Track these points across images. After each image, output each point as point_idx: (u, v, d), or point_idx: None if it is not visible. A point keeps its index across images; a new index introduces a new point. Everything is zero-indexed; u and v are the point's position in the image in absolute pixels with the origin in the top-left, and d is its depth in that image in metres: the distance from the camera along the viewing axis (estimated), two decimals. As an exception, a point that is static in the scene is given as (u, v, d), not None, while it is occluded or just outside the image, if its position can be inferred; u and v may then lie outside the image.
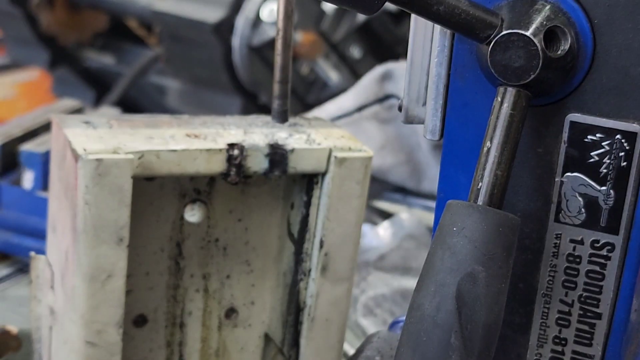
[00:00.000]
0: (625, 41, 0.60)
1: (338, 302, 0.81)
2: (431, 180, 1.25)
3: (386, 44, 1.75)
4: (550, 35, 0.60)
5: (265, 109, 1.66)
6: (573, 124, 0.62)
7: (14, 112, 1.83)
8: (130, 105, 1.88)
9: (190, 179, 0.80)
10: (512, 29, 0.59)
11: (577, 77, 0.62)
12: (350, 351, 1.02)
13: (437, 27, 0.66)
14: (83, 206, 0.69)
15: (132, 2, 1.80)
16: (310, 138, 0.78)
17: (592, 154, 0.62)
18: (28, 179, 1.12)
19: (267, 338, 0.88)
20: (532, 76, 0.59)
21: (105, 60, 1.95)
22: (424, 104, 0.69)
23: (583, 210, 0.63)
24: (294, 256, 0.82)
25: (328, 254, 0.79)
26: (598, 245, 0.63)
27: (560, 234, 0.64)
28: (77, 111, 1.28)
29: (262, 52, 1.63)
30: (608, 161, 0.62)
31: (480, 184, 0.58)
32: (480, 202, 0.58)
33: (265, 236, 0.84)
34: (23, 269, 1.11)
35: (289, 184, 0.82)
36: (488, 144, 0.59)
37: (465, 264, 0.56)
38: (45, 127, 1.19)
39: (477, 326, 0.56)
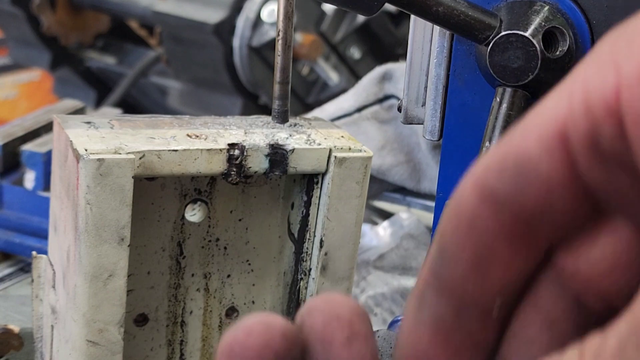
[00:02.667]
0: (623, 42, 0.60)
1: (338, 301, 0.81)
2: (431, 180, 1.25)
3: (386, 45, 1.75)
4: (549, 36, 0.61)
5: (265, 110, 1.66)
6: (571, 124, 0.62)
7: (15, 113, 1.84)
8: (132, 105, 1.88)
9: (191, 179, 0.80)
10: (511, 30, 0.60)
11: (575, 78, 0.62)
12: (350, 350, 1.02)
13: (437, 28, 0.66)
14: (84, 206, 0.69)
15: (134, 3, 1.80)
16: (310, 138, 0.78)
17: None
18: (29, 179, 1.12)
19: (268, 337, 0.88)
20: (531, 77, 0.59)
21: (106, 61, 1.95)
22: (424, 104, 0.69)
23: (581, 210, 0.63)
24: (294, 256, 0.83)
25: (328, 253, 0.79)
26: (596, 244, 0.63)
27: (559, 234, 0.64)
28: (79, 111, 1.28)
29: (262, 53, 1.63)
30: (606, 161, 0.62)
31: (479, 184, 0.59)
32: (479, 201, 0.58)
33: (265, 236, 0.85)
34: (25, 268, 1.11)
35: (289, 184, 0.83)
36: (487, 144, 0.59)
37: (464, 263, 0.56)
38: (47, 128, 1.19)
39: (475, 325, 0.56)
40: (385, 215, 1.32)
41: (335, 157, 0.77)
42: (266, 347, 0.36)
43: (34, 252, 0.83)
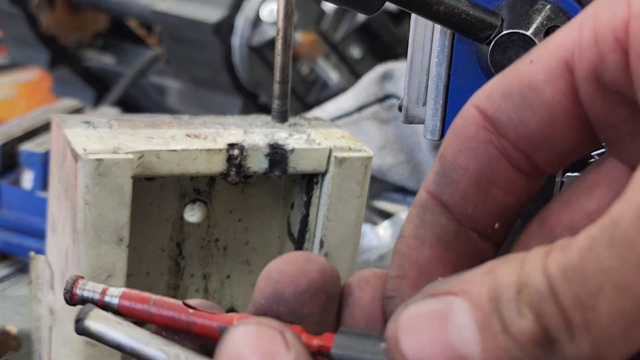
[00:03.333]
0: (625, 41, 0.60)
1: (338, 302, 0.81)
2: (431, 181, 1.25)
3: (386, 44, 1.75)
4: (551, 35, 0.60)
5: (265, 109, 1.66)
6: (573, 124, 0.62)
7: (14, 112, 1.83)
8: (131, 105, 1.88)
9: (191, 178, 0.80)
10: (513, 29, 0.59)
11: (578, 77, 0.61)
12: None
13: (437, 27, 0.66)
14: (83, 206, 0.69)
15: (133, 2, 1.80)
16: (310, 138, 0.78)
17: (593, 153, 0.62)
18: (28, 179, 1.12)
19: (267, 338, 0.88)
20: (533, 76, 0.59)
21: (105, 60, 1.95)
22: (424, 104, 0.69)
23: (583, 210, 0.63)
24: (294, 256, 0.82)
25: (328, 253, 0.79)
26: (598, 245, 0.63)
27: (561, 234, 0.64)
28: (77, 111, 1.28)
29: (262, 52, 1.63)
30: (608, 161, 0.62)
31: (480, 184, 0.58)
32: (480, 202, 0.58)
33: (265, 236, 0.84)
34: (23, 269, 1.11)
35: (289, 184, 0.82)
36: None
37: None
38: (45, 127, 1.19)
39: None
40: (385, 215, 1.31)
41: (335, 157, 0.76)
42: (301, 274, 0.38)
43: (32, 253, 0.83)
